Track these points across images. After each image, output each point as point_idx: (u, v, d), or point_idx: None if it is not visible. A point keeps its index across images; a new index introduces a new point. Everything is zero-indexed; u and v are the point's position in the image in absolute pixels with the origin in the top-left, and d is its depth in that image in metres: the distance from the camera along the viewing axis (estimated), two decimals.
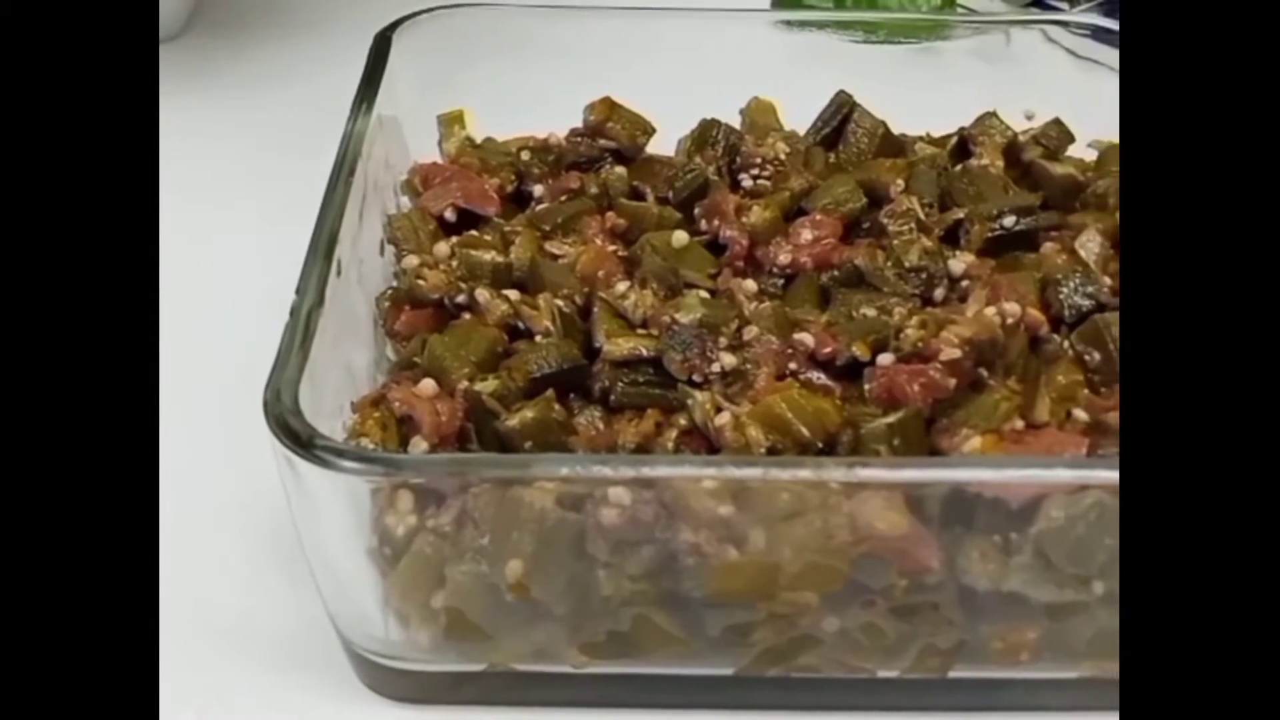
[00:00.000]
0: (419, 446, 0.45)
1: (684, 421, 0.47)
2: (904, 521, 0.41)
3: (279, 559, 0.50)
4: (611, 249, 0.54)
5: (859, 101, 0.61)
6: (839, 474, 0.41)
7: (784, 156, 0.58)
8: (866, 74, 0.64)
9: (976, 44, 0.67)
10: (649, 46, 0.64)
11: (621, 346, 0.49)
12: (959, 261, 0.52)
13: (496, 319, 0.50)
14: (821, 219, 0.54)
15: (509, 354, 0.49)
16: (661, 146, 0.61)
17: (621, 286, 0.51)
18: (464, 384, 0.47)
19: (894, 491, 0.41)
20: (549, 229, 0.55)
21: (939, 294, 0.52)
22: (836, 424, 0.46)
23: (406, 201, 0.58)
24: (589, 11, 0.65)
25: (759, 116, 0.61)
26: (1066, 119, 0.61)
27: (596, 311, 0.50)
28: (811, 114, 0.62)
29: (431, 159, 0.60)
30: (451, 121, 0.61)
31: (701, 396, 0.47)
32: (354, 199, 0.51)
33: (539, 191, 0.58)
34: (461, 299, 0.51)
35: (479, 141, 0.61)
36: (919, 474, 0.42)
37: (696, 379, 0.48)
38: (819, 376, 0.48)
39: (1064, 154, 0.60)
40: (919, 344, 0.47)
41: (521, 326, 0.50)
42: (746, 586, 0.43)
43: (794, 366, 0.48)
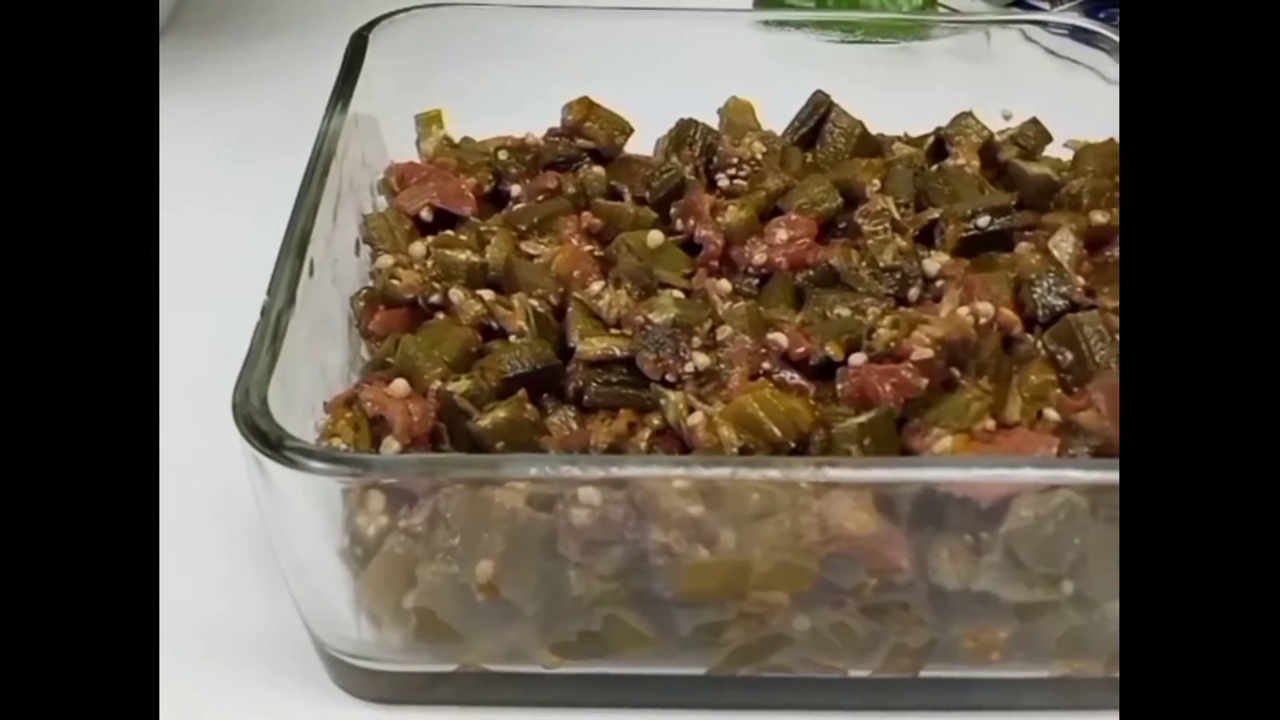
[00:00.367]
0: (390, 447, 0.45)
1: (657, 422, 0.47)
2: (872, 521, 0.41)
3: (252, 560, 0.49)
4: (588, 249, 0.54)
5: (840, 101, 0.61)
6: (807, 474, 0.41)
7: (761, 156, 0.58)
8: (847, 73, 0.64)
9: (956, 44, 0.67)
10: (628, 46, 0.64)
11: (595, 346, 0.49)
12: (934, 261, 0.52)
13: (470, 319, 0.50)
14: (797, 219, 0.54)
15: (483, 354, 0.49)
16: (641, 146, 0.61)
17: (596, 286, 0.51)
18: (436, 384, 0.47)
19: (863, 491, 0.41)
20: (525, 229, 0.55)
21: (914, 294, 0.52)
22: (809, 424, 0.46)
23: (383, 201, 0.58)
24: (567, 11, 0.65)
25: (737, 116, 0.61)
26: (1045, 118, 0.61)
27: (571, 311, 0.50)
28: (792, 114, 0.62)
29: (409, 159, 0.60)
30: (429, 121, 0.61)
31: (674, 396, 0.47)
32: (328, 198, 0.51)
33: (516, 191, 0.58)
34: (436, 299, 0.51)
35: (457, 141, 0.61)
36: (887, 474, 0.42)
37: (670, 379, 0.48)
38: (792, 376, 0.48)
39: (1041, 154, 0.60)
40: (891, 344, 0.47)
41: (496, 327, 0.50)
42: (717, 586, 0.43)
43: (768, 366, 0.48)
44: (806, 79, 0.62)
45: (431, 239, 0.54)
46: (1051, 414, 0.46)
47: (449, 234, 0.55)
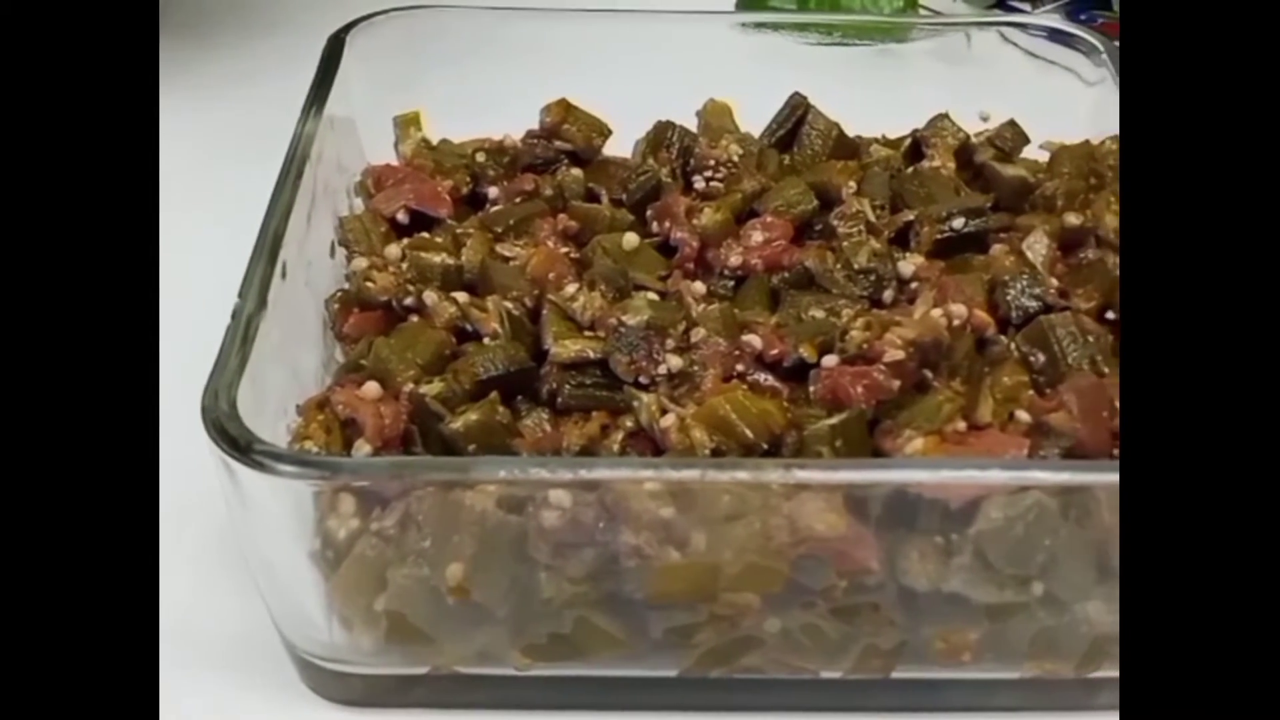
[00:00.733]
0: (362, 449, 0.45)
1: (630, 424, 0.47)
2: (842, 522, 0.41)
3: (222, 562, 0.49)
4: (563, 251, 0.54)
5: (821, 103, 0.61)
6: (776, 475, 0.41)
7: (737, 159, 0.58)
8: (827, 75, 0.64)
9: (936, 45, 0.67)
10: (608, 48, 0.64)
11: (569, 349, 0.49)
12: (908, 263, 0.52)
13: (444, 321, 0.50)
14: (772, 221, 0.54)
15: (457, 357, 0.49)
16: (622, 148, 0.61)
17: (570, 289, 0.51)
18: (409, 386, 0.47)
19: (832, 493, 0.41)
20: (501, 231, 0.55)
21: (888, 296, 0.52)
22: (781, 425, 0.46)
23: (360, 203, 0.58)
24: (546, 13, 0.65)
25: (714, 118, 0.61)
26: (1024, 120, 0.61)
27: (545, 314, 0.50)
28: (772, 116, 0.62)
29: (387, 161, 0.60)
30: (407, 123, 0.61)
31: (647, 398, 0.47)
32: (302, 201, 0.51)
33: (494, 193, 0.58)
34: (410, 301, 0.51)
35: (435, 143, 0.61)
36: (856, 475, 0.42)
37: (643, 381, 0.48)
38: (766, 378, 0.48)
39: (1019, 155, 0.60)
40: (864, 345, 0.47)
41: (470, 329, 0.50)
42: (688, 588, 0.43)
43: (741, 368, 0.48)
44: (787, 80, 0.62)
45: (407, 241, 0.54)
46: (1023, 415, 0.46)
47: (424, 236, 0.55)
